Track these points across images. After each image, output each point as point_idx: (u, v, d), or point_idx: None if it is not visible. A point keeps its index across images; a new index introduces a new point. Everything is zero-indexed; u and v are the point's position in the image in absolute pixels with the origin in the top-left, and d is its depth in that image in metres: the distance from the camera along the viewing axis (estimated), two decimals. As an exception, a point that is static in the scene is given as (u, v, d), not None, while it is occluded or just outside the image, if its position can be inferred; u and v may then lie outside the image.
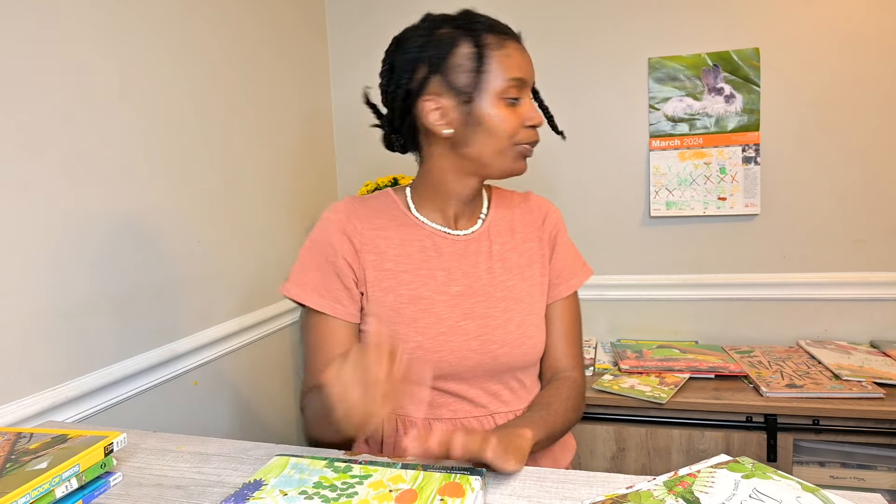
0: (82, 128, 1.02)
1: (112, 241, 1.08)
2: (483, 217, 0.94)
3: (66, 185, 0.99)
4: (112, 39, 1.08)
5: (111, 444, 0.67)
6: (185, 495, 0.65)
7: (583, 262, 1.00)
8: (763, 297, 1.70)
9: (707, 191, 1.70)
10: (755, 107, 1.65)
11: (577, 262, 0.98)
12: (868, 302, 1.64)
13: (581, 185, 1.79)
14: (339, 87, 1.96)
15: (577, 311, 0.97)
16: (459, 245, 0.89)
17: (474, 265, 0.89)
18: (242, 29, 1.47)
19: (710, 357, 1.58)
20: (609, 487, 0.61)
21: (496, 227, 0.93)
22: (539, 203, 0.99)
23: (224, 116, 1.40)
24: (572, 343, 0.95)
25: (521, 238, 0.94)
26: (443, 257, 0.88)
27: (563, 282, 0.95)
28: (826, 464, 1.39)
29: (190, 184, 1.28)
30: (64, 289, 0.98)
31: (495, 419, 0.88)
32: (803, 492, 0.55)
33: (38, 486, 0.58)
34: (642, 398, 1.39)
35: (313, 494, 0.58)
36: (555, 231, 0.97)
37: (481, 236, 0.91)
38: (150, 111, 1.17)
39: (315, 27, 1.88)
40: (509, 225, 0.95)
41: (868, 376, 1.38)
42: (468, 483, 0.59)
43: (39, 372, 0.93)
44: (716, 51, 1.66)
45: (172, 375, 1.21)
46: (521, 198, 0.99)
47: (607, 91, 1.75)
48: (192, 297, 1.28)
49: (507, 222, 0.95)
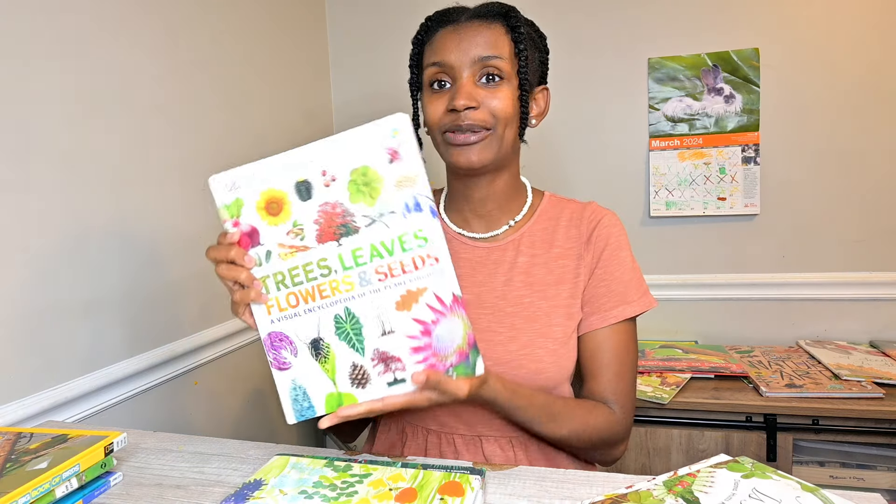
0: (82, 127, 1.02)
1: (112, 241, 1.08)
2: (512, 223, 0.87)
3: (66, 185, 0.99)
4: (112, 39, 1.08)
5: (111, 444, 0.67)
6: (185, 495, 0.65)
7: (640, 290, 0.84)
8: (763, 297, 1.70)
9: (707, 191, 1.70)
10: (755, 107, 1.65)
11: (628, 291, 0.83)
12: (868, 302, 1.64)
13: (581, 185, 1.79)
14: (339, 86, 1.96)
15: (628, 343, 0.84)
16: (480, 252, 0.86)
17: (491, 275, 0.84)
18: (242, 28, 1.47)
19: (712, 357, 1.58)
20: (609, 487, 0.61)
21: (530, 238, 0.86)
22: (594, 216, 0.86)
23: (224, 116, 1.40)
24: (617, 378, 0.82)
25: (558, 253, 0.85)
26: (458, 262, 0.85)
27: (599, 311, 0.82)
28: (826, 463, 1.39)
29: (190, 183, 1.28)
30: (64, 289, 0.98)
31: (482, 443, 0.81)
32: (803, 491, 0.55)
33: (38, 486, 0.58)
34: (644, 398, 1.38)
35: (313, 494, 0.58)
36: (600, 250, 0.84)
37: (508, 245, 0.85)
38: (150, 111, 1.17)
39: (315, 26, 1.88)
40: (549, 237, 0.86)
41: (868, 376, 1.38)
42: (468, 482, 0.59)
43: (39, 372, 0.93)
44: (715, 51, 1.66)
45: (172, 375, 1.21)
46: (577, 208, 0.88)
47: (607, 91, 1.75)
48: (192, 297, 1.28)
49: (547, 234, 0.86)
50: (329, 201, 0.61)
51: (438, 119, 0.79)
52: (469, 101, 0.76)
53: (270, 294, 0.63)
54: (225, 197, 0.63)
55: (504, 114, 0.78)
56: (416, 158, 0.60)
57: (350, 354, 0.62)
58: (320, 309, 0.62)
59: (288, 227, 0.62)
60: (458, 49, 0.78)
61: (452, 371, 0.61)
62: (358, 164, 0.60)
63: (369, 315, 0.61)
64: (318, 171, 0.61)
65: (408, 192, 0.60)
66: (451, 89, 0.79)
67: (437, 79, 0.79)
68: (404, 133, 0.59)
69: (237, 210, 0.63)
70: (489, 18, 0.80)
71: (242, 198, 0.62)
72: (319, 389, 0.63)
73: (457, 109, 0.76)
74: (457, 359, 0.61)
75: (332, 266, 0.61)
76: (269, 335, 0.64)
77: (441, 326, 0.61)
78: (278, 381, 0.64)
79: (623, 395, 0.82)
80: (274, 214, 0.62)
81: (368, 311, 0.61)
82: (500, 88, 0.78)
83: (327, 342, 0.62)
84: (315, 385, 0.63)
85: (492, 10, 0.81)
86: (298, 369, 0.63)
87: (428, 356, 0.61)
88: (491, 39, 0.78)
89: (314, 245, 0.61)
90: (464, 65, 0.77)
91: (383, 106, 1.90)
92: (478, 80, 0.78)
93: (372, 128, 0.59)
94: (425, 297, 0.61)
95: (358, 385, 0.62)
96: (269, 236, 0.62)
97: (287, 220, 0.62)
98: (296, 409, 0.64)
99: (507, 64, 0.78)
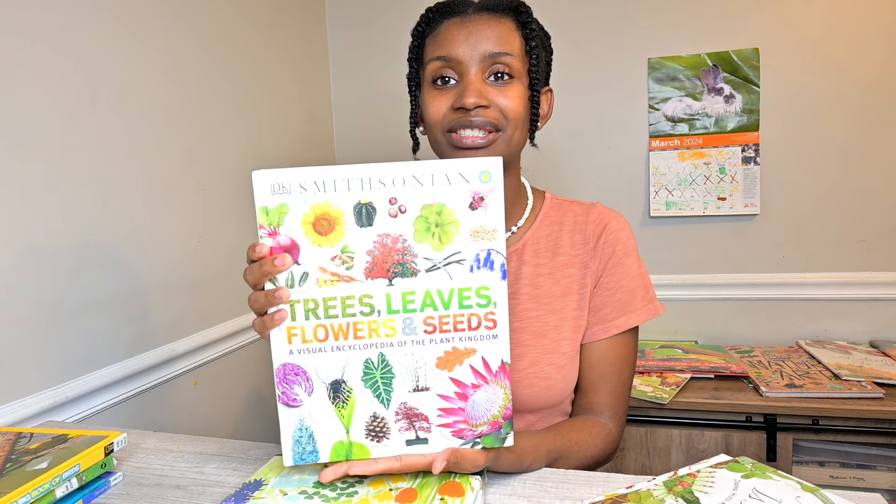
0: (82, 128, 1.02)
1: (112, 241, 1.08)
2: (515, 230, 0.83)
3: (66, 185, 0.99)
4: (111, 39, 1.08)
5: (111, 444, 0.67)
6: (185, 495, 0.65)
7: (646, 298, 0.81)
8: (763, 297, 1.70)
9: (707, 191, 1.70)
10: (755, 107, 1.65)
11: (633, 299, 0.80)
12: (868, 302, 1.64)
13: (581, 185, 1.79)
14: (339, 87, 1.96)
15: (628, 356, 0.81)
16: None
17: None
18: (242, 29, 1.47)
19: (712, 357, 1.58)
20: (609, 487, 0.61)
21: (534, 246, 0.82)
22: (600, 220, 0.82)
23: (224, 116, 1.40)
24: (614, 391, 0.80)
25: (563, 261, 0.81)
26: None
27: (602, 322, 0.80)
28: (826, 463, 1.39)
29: (189, 183, 1.28)
30: (64, 289, 0.98)
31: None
32: (803, 491, 0.55)
33: (38, 486, 0.58)
34: (644, 398, 1.38)
35: (313, 494, 0.58)
36: (607, 257, 0.80)
37: (511, 255, 0.81)
38: (150, 111, 1.17)
39: (315, 27, 1.88)
40: (553, 244, 0.82)
41: (868, 376, 1.38)
42: (468, 482, 0.59)
43: (39, 372, 0.93)
44: (715, 51, 1.66)
45: (172, 375, 1.21)
46: (581, 210, 0.84)
47: (607, 91, 1.75)
48: (192, 297, 1.28)
49: (551, 241, 0.82)
50: (391, 233, 0.54)
51: (441, 117, 0.74)
52: (480, 99, 0.71)
53: (296, 322, 0.56)
54: (268, 199, 0.54)
55: (515, 114, 0.73)
56: (501, 211, 0.55)
57: (373, 404, 0.57)
58: (351, 349, 0.56)
59: (335, 252, 0.55)
60: (467, 42, 0.72)
61: (480, 441, 0.58)
62: (434, 200, 0.54)
63: (405, 366, 0.56)
64: (386, 197, 0.54)
65: (483, 245, 0.55)
66: (458, 86, 0.73)
67: (441, 74, 0.74)
68: (495, 179, 0.54)
69: (279, 217, 0.54)
70: (499, 12, 0.75)
71: (289, 205, 0.54)
72: (328, 435, 0.57)
73: (466, 108, 0.71)
74: (488, 429, 0.58)
75: (377, 306, 0.55)
76: (283, 366, 0.56)
77: (481, 393, 0.57)
78: (283, 418, 0.57)
79: (619, 407, 0.80)
80: (322, 234, 0.55)
81: (405, 361, 0.56)
82: (511, 87, 0.73)
83: (350, 386, 0.57)
84: (324, 429, 0.57)
85: (501, 3, 0.76)
86: (309, 409, 0.57)
87: (458, 421, 0.57)
88: (502, 34, 0.73)
89: (361, 278, 0.55)
90: (472, 60, 0.72)
91: (383, 106, 1.90)
92: (486, 77, 0.73)
93: (460, 164, 0.54)
94: (472, 359, 0.56)
95: (374, 438, 0.57)
96: (311, 257, 0.55)
97: (336, 244, 0.55)
98: (296, 452, 0.58)
99: (518, 62, 0.74)
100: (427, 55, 0.76)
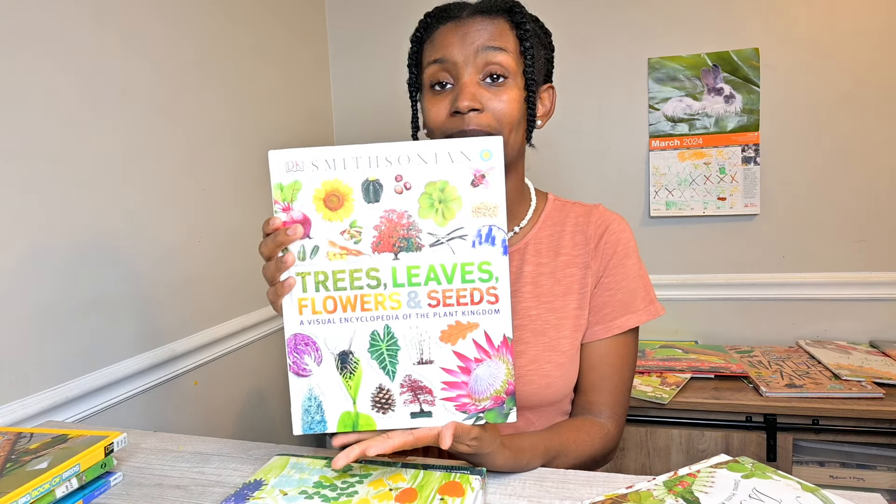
0: (82, 127, 1.02)
1: (112, 241, 1.08)
2: (518, 230, 0.84)
3: (66, 185, 0.99)
4: (111, 40, 1.08)
5: (111, 444, 0.67)
6: (185, 495, 0.65)
7: (646, 298, 0.82)
8: (763, 297, 1.70)
9: (707, 191, 1.70)
10: (755, 107, 1.65)
11: (634, 300, 0.81)
12: (868, 302, 1.64)
13: (581, 185, 1.79)
14: (339, 87, 1.96)
15: (628, 356, 0.82)
16: None
17: None
18: (242, 29, 1.47)
19: (712, 357, 1.58)
20: (609, 487, 0.61)
21: (536, 246, 0.83)
22: (601, 221, 0.83)
23: (224, 116, 1.40)
24: (614, 391, 0.80)
25: (565, 261, 0.82)
26: None
27: (603, 322, 0.81)
28: (826, 463, 1.39)
29: (189, 183, 1.28)
30: (64, 288, 0.98)
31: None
32: (803, 491, 0.55)
33: (38, 486, 0.58)
34: (644, 398, 1.38)
35: (313, 494, 0.58)
36: (608, 258, 0.81)
37: (514, 254, 0.82)
38: (150, 111, 1.17)
39: (315, 27, 1.88)
40: (555, 244, 0.83)
41: (868, 376, 1.38)
42: (468, 482, 0.59)
43: (39, 372, 0.94)
44: (715, 51, 1.66)
45: (172, 375, 1.21)
46: (583, 212, 0.85)
47: (607, 91, 1.75)
48: (192, 297, 1.28)
49: (553, 240, 0.83)
50: (396, 209, 0.57)
51: (441, 122, 0.75)
52: (473, 103, 0.72)
53: (307, 293, 0.58)
54: (283, 176, 0.57)
55: (509, 118, 0.74)
56: (501, 188, 0.57)
57: (379, 376, 0.58)
58: (358, 321, 0.58)
59: (344, 227, 0.57)
60: (461, 44, 0.74)
61: (483, 416, 0.59)
62: (437, 177, 0.57)
63: (409, 339, 0.58)
64: (392, 175, 0.57)
65: (484, 220, 0.57)
66: (454, 89, 0.75)
67: (438, 79, 0.75)
68: (496, 158, 0.56)
69: (293, 193, 0.57)
70: (493, 13, 0.76)
71: (302, 182, 0.57)
72: (336, 405, 0.59)
73: (460, 111, 0.72)
74: (491, 404, 0.58)
75: (383, 279, 0.58)
76: (293, 336, 0.59)
77: (483, 367, 0.58)
78: (293, 387, 0.59)
79: (619, 408, 0.81)
80: (332, 209, 0.57)
81: (410, 334, 0.58)
82: (505, 89, 0.74)
83: (357, 357, 0.58)
84: (332, 399, 0.59)
85: (495, 5, 0.77)
86: (318, 379, 0.59)
87: (461, 395, 0.58)
88: (495, 34, 0.74)
89: (368, 252, 0.57)
90: (467, 61, 0.73)
91: (383, 106, 1.90)
92: (481, 79, 0.74)
93: (462, 143, 0.56)
94: (475, 333, 0.58)
95: (379, 409, 0.59)
96: (321, 231, 0.57)
97: (345, 219, 0.57)
98: (305, 421, 0.59)
99: (513, 61, 0.75)
100: (425, 59, 0.78)
